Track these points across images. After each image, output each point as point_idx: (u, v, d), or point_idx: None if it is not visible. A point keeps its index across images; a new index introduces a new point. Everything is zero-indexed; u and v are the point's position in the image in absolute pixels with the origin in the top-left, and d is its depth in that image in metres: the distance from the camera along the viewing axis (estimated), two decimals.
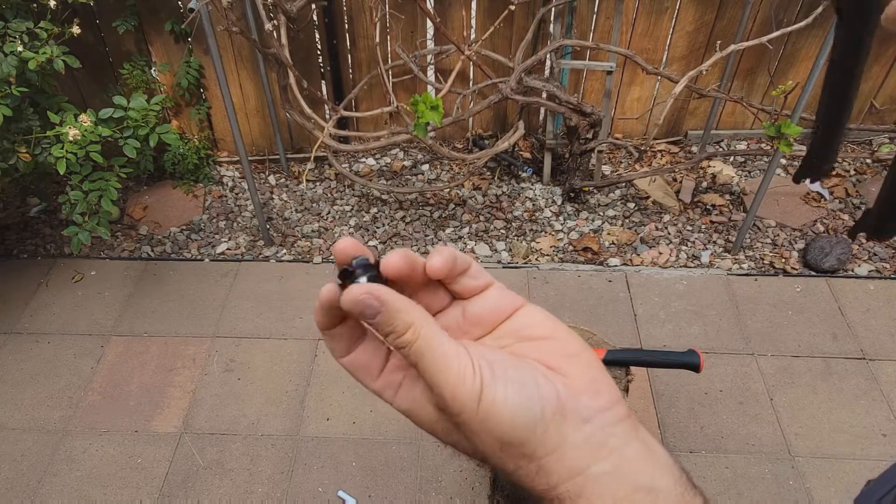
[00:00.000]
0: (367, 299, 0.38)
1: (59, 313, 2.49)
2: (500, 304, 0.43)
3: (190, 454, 2.05)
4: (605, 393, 0.39)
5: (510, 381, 0.37)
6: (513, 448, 0.37)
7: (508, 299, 0.44)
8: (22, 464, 2.03)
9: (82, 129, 1.96)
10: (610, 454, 0.38)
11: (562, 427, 0.37)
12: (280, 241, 2.77)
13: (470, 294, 0.44)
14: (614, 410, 0.39)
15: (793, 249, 2.68)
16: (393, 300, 0.38)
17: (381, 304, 0.38)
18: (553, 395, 0.38)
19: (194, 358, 2.32)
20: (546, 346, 0.41)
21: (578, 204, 2.89)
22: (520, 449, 0.37)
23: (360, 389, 2.20)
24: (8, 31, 1.96)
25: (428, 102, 2.17)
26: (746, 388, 2.20)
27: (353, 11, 2.77)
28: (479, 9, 2.79)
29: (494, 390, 0.37)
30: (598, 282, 2.57)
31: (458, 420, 0.38)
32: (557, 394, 0.38)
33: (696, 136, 3.16)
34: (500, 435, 0.37)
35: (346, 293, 0.38)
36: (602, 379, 0.40)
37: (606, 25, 2.75)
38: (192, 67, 2.78)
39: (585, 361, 0.40)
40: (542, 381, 0.38)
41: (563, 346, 0.41)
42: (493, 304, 0.44)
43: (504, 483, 1.74)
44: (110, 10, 2.63)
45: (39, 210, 2.92)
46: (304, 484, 1.97)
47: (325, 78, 2.97)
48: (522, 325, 0.43)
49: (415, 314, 0.38)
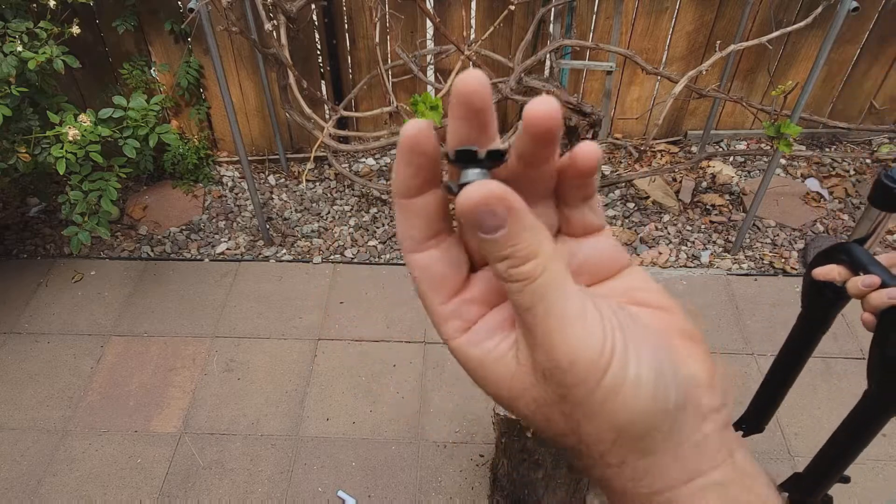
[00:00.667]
0: (496, 202, 0.27)
1: (58, 313, 2.49)
2: (616, 253, 0.34)
3: (190, 454, 2.05)
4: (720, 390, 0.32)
5: (644, 357, 0.29)
6: (630, 441, 0.30)
7: (622, 251, 0.35)
8: (22, 464, 2.03)
9: (82, 129, 1.96)
10: (723, 462, 0.31)
11: (684, 424, 0.30)
12: (280, 241, 2.77)
13: (584, 231, 0.34)
14: (726, 412, 0.32)
15: (792, 249, 2.68)
16: (524, 212, 0.28)
17: (507, 214, 0.27)
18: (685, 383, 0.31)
19: (194, 358, 2.32)
20: (664, 320, 0.33)
21: None
22: (638, 443, 0.30)
23: (360, 389, 2.20)
24: (8, 31, 1.96)
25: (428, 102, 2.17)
26: (746, 388, 2.20)
27: (353, 11, 2.77)
28: (478, 9, 2.79)
29: (627, 365, 0.29)
30: None
31: (570, 394, 0.29)
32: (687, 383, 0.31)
33: (696, 136, 3.16)
34: (621, 422, 0.29)
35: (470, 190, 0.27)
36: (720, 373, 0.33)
37: (606, 25, 2.75)
38: (191, 67, 2.78)
39: (705, 349, 0.33)
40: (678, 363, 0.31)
41: (683, 325, 0.33)
42: (609, 251, 0.34)
43: (504, 483, 1.74)
44: (110, 10, 2.63)
45: (39, 210, 2.92)
46: (303, 484, 1.97)
47: (325, 78, 2.97)
48: (635, 286, 0.34)
49: (545, 241, 0.29)
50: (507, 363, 0.31)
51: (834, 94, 3.01)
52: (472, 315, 0.32)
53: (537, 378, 0.30)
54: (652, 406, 0.29)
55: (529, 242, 0.28)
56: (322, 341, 2.37)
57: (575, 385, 0.29)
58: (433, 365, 2.27)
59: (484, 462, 2.01)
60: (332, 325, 2.42)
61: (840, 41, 2.79)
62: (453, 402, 2.17)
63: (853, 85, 2.97)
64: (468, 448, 2.05)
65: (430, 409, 2.15)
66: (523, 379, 0.31)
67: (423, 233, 0.32)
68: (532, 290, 0.28)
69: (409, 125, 0.29)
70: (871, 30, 2.78)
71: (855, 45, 2.84)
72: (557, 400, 0.30)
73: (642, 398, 0.29)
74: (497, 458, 1.85)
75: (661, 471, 0.30)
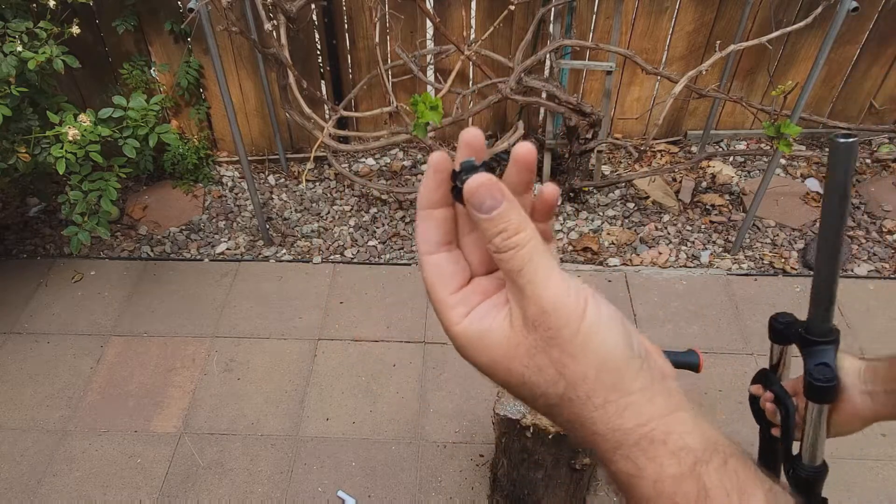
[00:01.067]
0: (494, 188, 0.37)
1: (58, 313, 2.49)
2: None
3: (189, 454, 2.05)
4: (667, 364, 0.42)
5: (609, 310, 0.38)
6: (608, 375, 0.37)
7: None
8: (21, 464, 2.03)
9: (82, 129, 1.96)
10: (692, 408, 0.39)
11: (650, 372, 0.39)
12: (280, 241, 2.77)
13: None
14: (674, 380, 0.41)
15: (792, 249, 2.68)
16: (513, 199, 0.38)
17: (503, 197, 0.37)
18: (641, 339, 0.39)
19: (194, 358, 2.32)
20: None
21: (578, 204, 2.90)
22: (614, 377, 0.37)
23: (360, 389, 2.20)
24: (7, 30, 1.96)
25: (427, 102, 2.17)
26: (746, 388, 2.20)
27: (353, 11, 2.77)
28: (478, 9, 2.79)
29: (599, 312, 0.37)
30: (597, 282, 2.57)
31: (556, 335, 0.37)
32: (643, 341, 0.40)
33: (696, 136, 3.16)
34: (599, 357, 0.37)
35: (474, 178, 0.38)
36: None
37: (606, 25, 2.75)
38: (191, 67, 2.78)
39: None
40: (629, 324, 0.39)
41: None
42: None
43: (504, 483, 1.74)
44: (110, 10, 2.63)
45: (39, 210, 2.92)
46: (303, 484, 1.97)
47: (325, 78, 2.97)
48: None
49: (528, 220, 0.38)
50: (502, 328, 0.39)
51: (834, 94, 3.02)
52: (473, 302, 0.41)
53: (528, 330, 0.38)
54: (621, 345, 0.37)
55: (518, 220, 0.37)
56: (322, 341, 2.37)
57: (559, 327, 0.37)
58: (433, 365, 2.27)
59: (484, 462, 2.01)
60: (331, 325, 2.42)
61: (840, 41, 2.79)
62: (453, 402, 2.17)
63: (853, 85, 2.97)
64: (468, 448, 2.05)
65: (429, 409, 2.15)
66: (516, 337, 0.38)
67: (438, 238, 0.42)
68: (521, 255, 0.37)
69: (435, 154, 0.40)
70: (870, 30, 2.78)
71: (855, 45, 2.84)
72: (545, 346, 0.37)
73: (612, 338, 0.37)
74: (497, 458, 1.85)
75: (639, 408, 0.37)
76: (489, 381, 0.42)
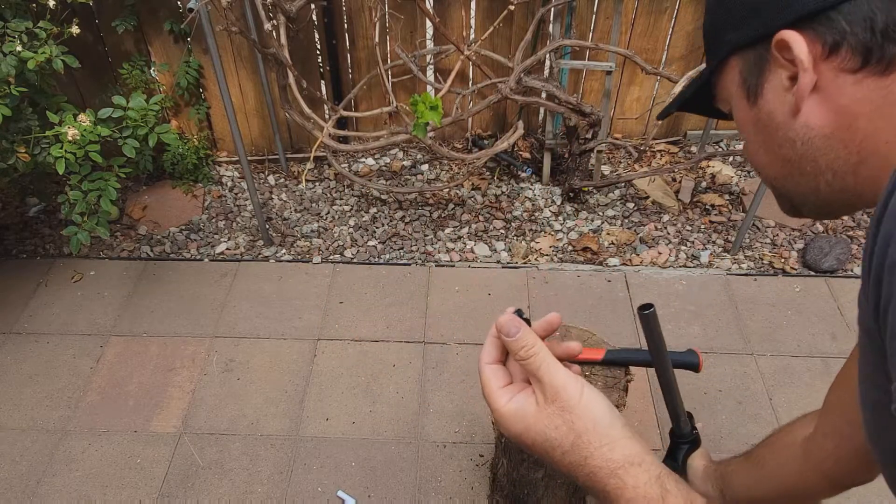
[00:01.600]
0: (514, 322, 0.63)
1: (58, 313, 2.48)
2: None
3: (189, 454, 2.05)
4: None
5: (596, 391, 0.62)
6: (601, 428, 0.59)
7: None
8: (21, 464, 2.03)
9: (81, 128, 1.96)
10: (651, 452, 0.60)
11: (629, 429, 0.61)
12: (279, 241, 2.77)
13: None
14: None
15: (792, 249, 2.68)
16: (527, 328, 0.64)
17: (520, 327, 0.63)
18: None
19: (193, 358, 2.32)
20: None
21: (578, 204, 2.90)
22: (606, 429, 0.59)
23: (360, 389, 2.20)
24: (7, 30, 1.96)
25: (427, 102, 2.17)
26: (745, 388, 2.20)
27: (353, 11, 2.77)
28: (478, 9, 2.79)
29: (591, 389, 0.61)
30: (597, 282, 2.57)
31: (566, 405, 0.60)
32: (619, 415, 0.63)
33: (696, 136, 3.17)
34: (595, 417, 0.59)
35: (502, 317, 0.64)
36: None
37: (606, 25, 2.75)
38: (191, 67, 2.78)
39: None
40: None
41: None
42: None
43: (503, 483, 1.74)
44: (109, 10, 2.63)
45: (38, 210, 2.92)
46: (303, 484, 1.97)
47: (325, 78, 2.97)
48: None
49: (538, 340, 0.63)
50: (531, 405, 0.63)
51: None
52: (512, 392, 0.65)
53: (547, 403, 0.61)
54: (608, 411, 0.61)
55: (532, 340, 0.63)
56: (322, 341, 2.37)
57: (567, 399, 0.60)
58: (433, 365, 2.27)
59: (484, 462, 2.01)
60: (331, 325, 2.42)
61: None
62: (453, 402, 2.17)
63: None
64: (468, 448, 2.05)
65: (429, 409, 2.15)
66: (540, 409, 0.62)
67: (495, 356, 0.68)
68: (536, 360, 0.62)
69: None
70: None
71: None
72: (560, 412, 0.61)
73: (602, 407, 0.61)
74: (497, 457, 1.85)
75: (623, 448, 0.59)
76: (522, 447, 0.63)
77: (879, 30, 0.50)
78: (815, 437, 0.89)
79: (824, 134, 0.56)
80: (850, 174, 0.56)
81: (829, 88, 0.54)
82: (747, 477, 1.01)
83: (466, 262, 2.66)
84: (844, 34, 0.52)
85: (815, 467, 0.88)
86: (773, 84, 0.58)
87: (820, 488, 0.90)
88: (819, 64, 0.54)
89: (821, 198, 0.61)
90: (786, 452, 0.95)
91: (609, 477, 0.58)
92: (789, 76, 0.56)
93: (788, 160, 0.60)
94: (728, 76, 0.64)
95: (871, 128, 0.53)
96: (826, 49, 0.53)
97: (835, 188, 0.58)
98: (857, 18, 0.51)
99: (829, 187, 0.59)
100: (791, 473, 0.93)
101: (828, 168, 0.57)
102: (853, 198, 0.59)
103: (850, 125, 0.54)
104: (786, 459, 0.94)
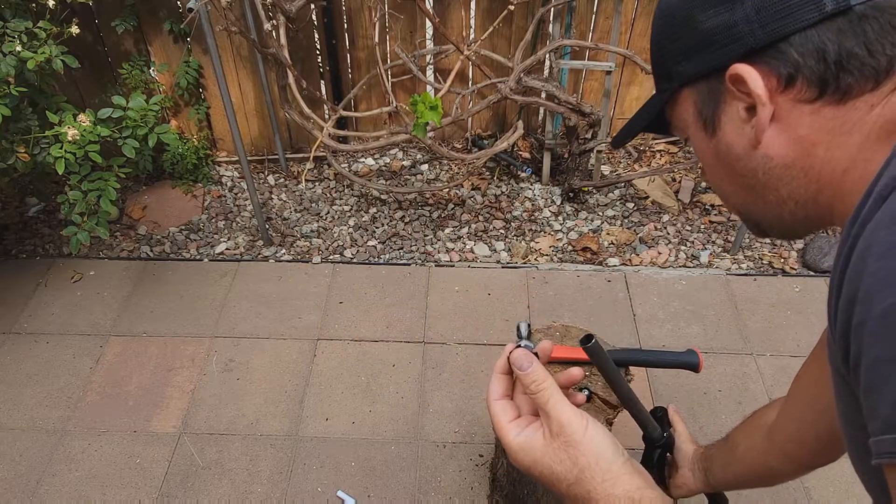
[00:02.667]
0: (526, 357, 0.65)
1: (57, 313, 2.48)
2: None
3: (189, 454, 2.05)
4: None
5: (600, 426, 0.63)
6: (604, 464, 0.60)
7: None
8: (20, 464, 2.03)
9: (81, 128, 1.96)
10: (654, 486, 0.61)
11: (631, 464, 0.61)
12: (279, 240, 2.77)
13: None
14: None
15: (791, 249, 2.68)
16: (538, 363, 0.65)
17: (532, 361, 0.65)
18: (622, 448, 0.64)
19: (193, 358, 2.32)
20: None
21: (577, 204, 2.90)
22: (609, 464, 0.60)
23: (360, 389, 2.20)
24: (7, 30, 1.96)
25: (427, 102, 2.17)
26: (745, 388, 2.20)
27: (353, 11, 2.77)
28: (478, 9, 2.80)
29: (595, 425, 0.62)
30: (597, 282, 2.57)
31: (570, 439, 0.61)
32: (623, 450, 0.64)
33: None
34: (598, 452, 0.61)
35: (515, 351, 0.66)
36: None
37: (605, 25, 2.75)
38: (190, 67, 2.78)
39: None
40: None
41: None
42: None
43: (503, 483, 1.74)
44: (109, 10, 2.63)
45: (38, 210, 2.92)
46: (303, 484, 1.97)
47: (325, 78, 2.97)
48: None
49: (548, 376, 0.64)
50: (539, 438, 0.64)
51: None
52: (521, 426, 0.66)
53: (553, 438, 0.62)
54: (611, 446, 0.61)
55: (542, 374, 0.64)
56: (321, 341, 2.37)
57: (572, 433, 0.61)
58: (432, 365, 2.27)
59: (483, 462, 2.01)
60: (331, 325, 2.42)
61: None
62: (453, 402, 2.17)
63: None
64: (467, 448, 2.05)
65: (429, 409, 2.15)
66: (547, 443, 0.63)
67: (502, 391, 0.69)
68: (545, 394, 0.63)
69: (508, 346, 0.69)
70: None
71: None
72: (565, 446, 0.61)
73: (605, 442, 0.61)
74: (496, 457, 1.85)
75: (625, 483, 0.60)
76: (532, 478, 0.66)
77: (833, 61, 0.51)
78: (779, 422, 0.93)
79: (785, 164, 0.56)
80: (811, 202, 0.57)
81: (787, 119, 0.55)
82: (724, 458, 1.06)
83: (466, 262, 2.66)
84: (798, 66, 0.52)
85: (779, 449, 0.93)
86: (730, 116, 0.58)
87: (784, 469, 0.95)
88: (775, 96, 0.54)
89: (785, 224, 0.62)
90: (755, 435, 0.99)
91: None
92: (745, 107, 0.56)
93: (752, 188, 0.61)
94: (681, 106, 0.64)
95: (828, 156, 0.54)
96: (781, 81, 0.53)
97: (798, 216, 0.60)
98: (809, 50, 0.52)
99: (792, 216, 0.60)
100: (757, 455, 0.97)
101: (789, 198, 0.58)
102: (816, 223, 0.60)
103: (810, 153, 0.54)
104: (754, 442, 0.99)
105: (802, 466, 0.92)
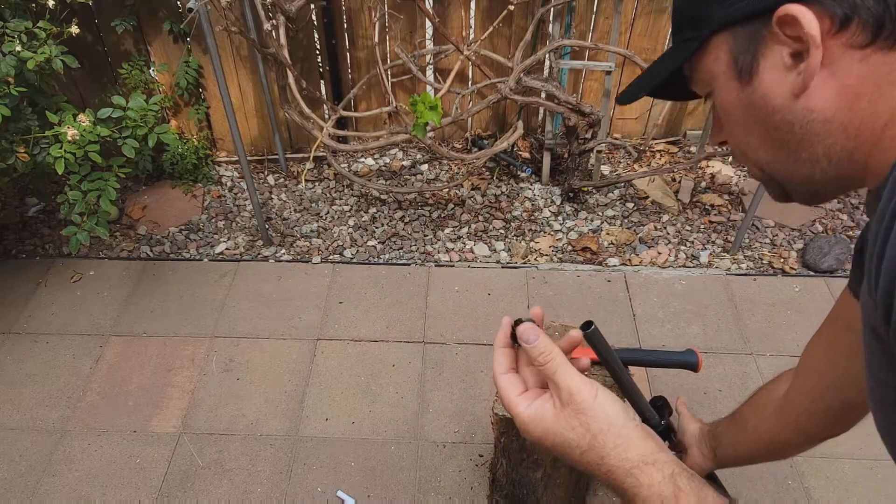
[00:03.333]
0: (533, 329, 0.65)
1: (57, 313, 2.48)
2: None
3: (189, 454, 2.05)
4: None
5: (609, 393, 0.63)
6: (616, 429, 0.61)
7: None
8: (20, 464, 2.03)
9: (81, 128, 1.96)
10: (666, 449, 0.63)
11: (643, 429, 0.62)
12: (279, 240, 2.77)
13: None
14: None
15: (791, 249, 2.68)
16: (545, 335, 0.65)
17: (538, 334, 0.64)
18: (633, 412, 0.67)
19: (193, 358, 2.32)
20: None
21: (577, 204, 2.90)
22: (620, 429, 0.61)
23: (359, 389, 2.20)
24: (6, 30, 1.96)
25: (427, 102, 2.17)
26: (745, 387, 2.20)
27: (352, 11, 2.77)
28: (477, 9, 2.80)
29: (605, 392, 0.63)
30: (596, 282, 2.57)
31: (580, 407, 0.61)
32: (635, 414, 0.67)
33: (695, 136, 3.17)
34: (610, 418, 0.61)
35: (522, 325, 0.66)
36: None
37: (605, 25, 2.75)
38: (190, 67, 2.78)
39: None
40: None
41: None
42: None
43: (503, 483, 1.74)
44: (109, 10, 2.63)
45: (38, 210, 2.92)
46: (302, 484, 1.97)
47: (324, 78, 2.97)
48: None
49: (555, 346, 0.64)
50: (549, 409, 0.64)
51: None
52: (530, 398, 0.66)
53: (564, 406, 0.63)
54: (622, 411, 0.62)
55: (549, 346, 0.64)
56: (321, 341, 2.37)
57: (582, 401, 0.62)
58: (432, 365, 2.27)
59: (483, 462, 2.01)
60: (331, 325, 2.42)
61: None
62: (452, 402, 2.17)
63: None
64: (467, 448, 2.05)
65: (429, 409, 2.15)
66: (558, 412, 0.63)
67: (507, 365, 0.69)
68: (552, 365, 0.63)
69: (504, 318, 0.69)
70: None
71: None
72: (575, 414, 0.62)
73: (615, 408, 0.62)
74: (496, 457, 1.85)
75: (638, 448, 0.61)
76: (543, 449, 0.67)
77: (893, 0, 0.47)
78: (789, 395, 0.94)
79: (825, 118, 0.52)
80: (845, 161, 0.54)
81: (835, 67, 0.50)
82: (733, 435, 1.06)
83: (466, 262, 2.66)
84: (855, 7, 0.48)
85: (791, 423, 0.93)
86: (772, 63, 0.53)
87: (796, 442, 0.95)
88: (826, 40, 0.49)
89: (814, 185, 0.58)
90: (765, 410, 0.99)
91: (626, 476, 0.60)
92: (791, 53, 0.51)
93: (785, 144, 0.56)
94: (711, 55, 0.58)
95: (871, 110, 0.50)
96: (836, 23, 0.48)
97: (829, 176, 0.56)
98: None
99: (823, 175, 0.56)
100: (769, 429, 0.98)
101: (824, 156, 0.54)
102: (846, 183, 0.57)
103: (852, 106, 0.51)
104: (765, 417, 0.99)
105: (814, 438, 0.92)
